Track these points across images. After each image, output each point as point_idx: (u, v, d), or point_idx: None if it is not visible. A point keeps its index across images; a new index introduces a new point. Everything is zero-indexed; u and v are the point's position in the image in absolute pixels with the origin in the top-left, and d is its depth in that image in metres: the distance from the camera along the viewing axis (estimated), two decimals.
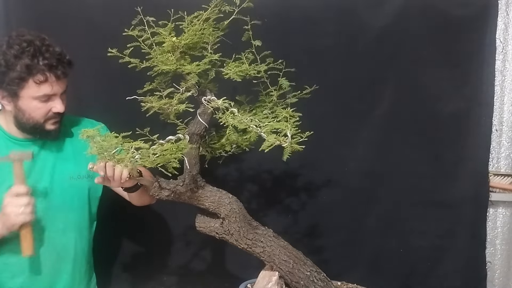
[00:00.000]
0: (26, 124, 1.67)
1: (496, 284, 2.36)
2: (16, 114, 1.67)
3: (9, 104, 1.66)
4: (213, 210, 1.53)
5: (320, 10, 2.18)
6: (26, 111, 1.65)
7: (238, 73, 1.46)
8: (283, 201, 2.26)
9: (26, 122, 1.67)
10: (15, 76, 1.59)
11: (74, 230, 1.81)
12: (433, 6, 2.18)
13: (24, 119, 1.66)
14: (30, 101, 1.63)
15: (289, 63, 1.53)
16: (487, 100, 2.25)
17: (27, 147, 1.71)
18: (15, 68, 1.58)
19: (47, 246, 1.74)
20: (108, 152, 1.38)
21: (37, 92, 1.61)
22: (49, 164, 1.75)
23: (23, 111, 1.65)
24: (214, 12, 1.46)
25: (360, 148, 2.24)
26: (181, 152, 1.43)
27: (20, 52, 1.59)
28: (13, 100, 1.64)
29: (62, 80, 1.65)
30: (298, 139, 1.31)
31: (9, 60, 1.59)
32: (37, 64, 1.59)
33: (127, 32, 1.43)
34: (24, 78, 1.59)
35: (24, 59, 1.58)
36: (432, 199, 2.26)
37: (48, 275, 1.76)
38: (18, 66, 1.58)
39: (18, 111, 1.65)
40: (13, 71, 1.58)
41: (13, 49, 1.59)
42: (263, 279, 1.57)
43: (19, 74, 1.58)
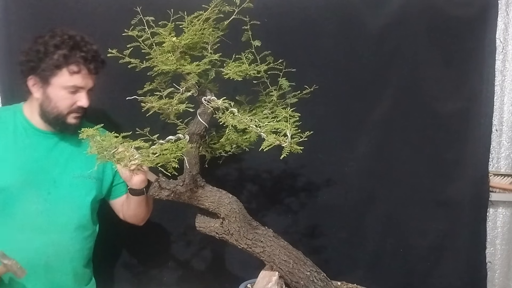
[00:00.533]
0: (50, 114, 1.75)
1: (496, 284, 2.36)
2: (42, 102, 1.74)
3: (38, 91, 1.74)
4: (213, 210, 1.53)
5: (320, 10, 2.18)
6: (53, 99, 1.73)
7: (238, 73, 1.46)
8: (283, 201, 2.26)
9: (50, 112, 1.74)
10: (51, 63, 1.69)
11: (74, 229, 1.82)
12: (433, 6, 2.18)
13: (49, 108, 1.74)
14: (59, 90, 1.72)
15: (289, 63, 1.53)
16: (487, 100, 2.25)
17: (47, 139, 1.79)
18: (53, 56, 1.69)
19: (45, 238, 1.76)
20: (108, 151, 1.38)
21: (68, 82, 1.71)
22: (63, 158, 1.80)
23: (50, 99, 1.73)
24: (214, 12, 1.46)
25: (360, 148, 2.24)
26: (181, 151, 1.43)
27: (60, 43, 1.70)
28: (43, 86, 1.73)
29: (92, 76, 1.75)
30: (298, 139, 1.31)
31: (49, 49, 1.69)
32: (74, 55, 1.69)
33: (127, 32, 1.43)
34: (59, 66, 1.69)
35: (63, 49, 1.69)
36: (432, 199, 2.26)
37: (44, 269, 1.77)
38: (56, 55, 1.69)
39: (45, 98, 1.73)
40: (50, 58, 1.69)
41: (55, 39, 1.71)
42: (263, 279, 1.57)
43: (56, 62, 1.69)
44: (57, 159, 1.80)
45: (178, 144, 1.46)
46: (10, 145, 1.76)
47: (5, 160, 1.74)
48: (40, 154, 1.78)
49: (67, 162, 1.81)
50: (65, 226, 1.80)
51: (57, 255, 1.78)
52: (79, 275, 1.86)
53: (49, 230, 1.76)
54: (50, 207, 1.76)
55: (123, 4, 2.03)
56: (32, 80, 1.74)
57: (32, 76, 1.74)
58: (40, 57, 1.70)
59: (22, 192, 1.74)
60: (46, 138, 1.80)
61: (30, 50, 1.73)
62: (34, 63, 1.72)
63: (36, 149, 1.78)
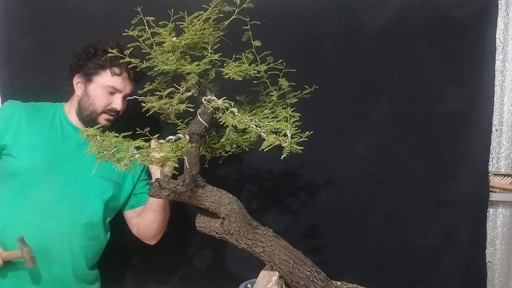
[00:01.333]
0: (85, 111, 1.88)
1: (496, 284, 2.36)
2: (81, 99, 1.89)
3: (80, 89, 1.89)
4: (213, 210, 1.53)
5: (320, 10, 2.18)
6: (91, 96, 1.87)
7: (238, 73, 1.46)
8: (283, 201, 2.26)
9: (86, 108, 1.88)
10: (97, 63, 1.85)
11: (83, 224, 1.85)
12: (433, 6, 2.18)
13: (86, 104, 1.87)
14: (98, 88, 1.86)
15: (289, 63, 1.53)
16: (487, 100, 2.25)
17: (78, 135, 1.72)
18: (100, 58, 1.85)
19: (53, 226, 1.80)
20: (107, 151, 1.38)
21: (108, 82, 1.85)
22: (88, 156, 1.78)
23: (89, 95, 1.87)
24: (214, 12, 1.46)
25: (360, 148, 2.24)
26: (181, 151, 1.44)
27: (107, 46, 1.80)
28: (86, 84, 1.88)
29: (131, 82, 1.88)
30: (298, 139, 1.31)
31: (98, 51, 1.86)
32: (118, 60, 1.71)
33: (127, 32, 1.43)
34: (104, 66, 1.85)
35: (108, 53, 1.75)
36: (432, 199, 2.26)
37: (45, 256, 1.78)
38: (103, 57, 1.84)
39: (85, 95, 1.88)
40: (98, 59, 1.86)
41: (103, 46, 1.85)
42: (263, 279, 1.57)
43: (101, 62, 1.85)
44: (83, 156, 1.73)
45: (178, 144, 1.46)
46: (44, 134, 1.88)
47: (36, 145, 1.85)
48: (69, 147, 1.88)
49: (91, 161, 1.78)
50: (75, 219, 1.83)
51: (61, 245, 1.81)
52: (80, 274, 1.86)
53: (59, 219, 1.80)
54: (66, 198, 1.82)
55: (123, 4, 2.03)
56: (78, 78, 1.90)
57: (78, 74, 1.89)
58: (89, 56, 1.87)
59: (44, 178, 1.82)
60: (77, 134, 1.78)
61: (81, 51, 1.89)
62: (83, 61, 1.88)
63: (66, 142, 1.89)
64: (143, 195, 1.97)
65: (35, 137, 1.87)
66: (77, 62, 1.91)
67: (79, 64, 1.90)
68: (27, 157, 1.84)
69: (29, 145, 1.85)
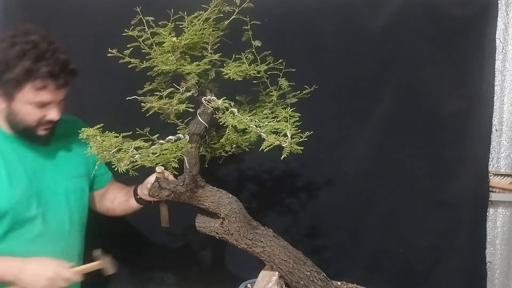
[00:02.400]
0: (17, 126, 1.61)
1: (496, 284, 2.36)
2: (7, 115, 1.60)
3: (3, 103, 1.59)
4: (213, 210, 1.53)
5: (320, 10, 2.17)
6: (18, 114, 1.58)
7: (238, 73, 1.46)
8: (283, 201, 2.26)
9: (17, 124, 1.61)
10: (13, 78, 1.51)
11: (78, 230, 1.81)
12: (433, 6, 2.18)
13: (16, 121, 1.60)
14: (24, 105, 1.56)
15: (289, 63, 1.53)
16: (487, 100, 2.25)
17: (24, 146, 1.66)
18: (14, 70, 1.50)
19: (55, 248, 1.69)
20: (107, 151, 1.38)
21: (34, 98, 1.55)
22: (50, 162, 1.72)
23: (16, 113, 1.58)
24: (214, 12, 1.46)
25: (360, 148, 2.24)
26: (181, 151, 1.44)
27: (22, 54, 1.51)
28: (7, 100, 1.57)
29: (63, 88, 1.59)
30: (298, 139, 1.31)
31: (10, 60, 1.51)
32: (38, 69, 1.51)
33: (127, 32, 1.43)
34: (22, 82, 1.52)
35: (25, 61, 1.50)
36: (432, 199, 2.26)
37: None
38: (18, 68, 1.50)
39: (10, 112, 1.59)
40: (11, 72, 1.50)
41: (15, 49, 1.51)
42: (263, 279, 1.57)
43: (17, 76, 1.50)
44: (44, 164, 1.70)
45: (178, 144, 1.46)
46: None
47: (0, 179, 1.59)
48: (28, 163, 1.65)
49: (55, 166, 1.73)
50: (71, 230, 1.75)
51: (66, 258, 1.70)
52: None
53: (57, 236, 1.71)
54: (53, 215, 1.69)
55: (123, 4, 2.03)
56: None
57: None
58: (1, 70, 1.52)
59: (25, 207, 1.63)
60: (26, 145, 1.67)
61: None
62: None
63: (23, 159, 1.65)
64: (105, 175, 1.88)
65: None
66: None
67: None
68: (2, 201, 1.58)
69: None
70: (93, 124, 1.46)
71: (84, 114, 1.92)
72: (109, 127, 1.74)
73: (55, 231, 1.71)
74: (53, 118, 1.61)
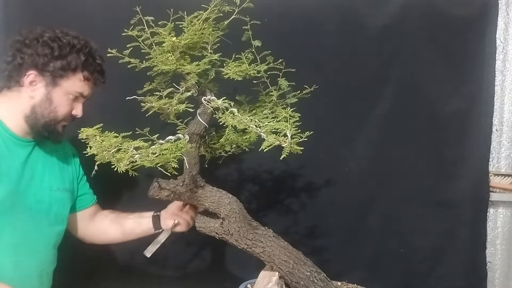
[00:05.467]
0: (42, 118, 1.59)
1: (496, 284, 2.36)
2: (38, 103, 1.58)
3: (38, 90, 1.58)
4: (213, 210, 1.53)
5: (320, 10, 2.18)
6: (54, 102, 1.59)
7: (238, 73, 1.46)
8: (283, 201, 2.26)
9: (44, 115, 1.58)
10: (66, 65, 1.57)
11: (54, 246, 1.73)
12: (433, 6, 2.18)
13: (45, 111, 1.58)
14: (63, 94, 1.60)
15: (289, 63, 1.53)
16: (487, 100, 2.25)
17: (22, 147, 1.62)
18: (67, 58, 1.57)
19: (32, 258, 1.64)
20: (107, 151, 1.38)
21: (77, 87, 1.61)
22: (38, 170, 1.66)
23: (51, 101, 1.58)
24: (214, 12, 1.46)
25: (360, 148, 2.24)
26: (181, 151, 1.43)
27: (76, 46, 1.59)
28: (47, 87, 1.58)
29: (95, 88, 1.68)
30: (298, 139, 1.31)
31: (64, 47, 1.57)
32: (91, 63, 1.62)
33: (127, 32, 1.43)
34: (76, 69, 1.58)
35: (80, 53, 1.59)
36: (432, 199, 2.26)
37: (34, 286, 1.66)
38: (72, 57, 1.57)
39: (45, 100, 1.58)
40: (65, 60, 1.57)
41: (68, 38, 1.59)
42: (263, 279, 1.57)
43: (72, 65, 1.57)
44: (33, 171, 1.64)
45: (178, 144, 1.46)
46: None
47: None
48: (17, 165, 1.59)
49: (42, 175, 1.67)
50: (46, 245, 1.69)
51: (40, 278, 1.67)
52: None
53: (33, 251, 1.63)
54: (34, 224, 1.62)
55: (123, 4, 2.03)
56: (34, 76, 1.56)
57: (36, 71, 1.56)
58: (55, 54, 1.55)
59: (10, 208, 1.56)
60: (21, 146, 1.62)
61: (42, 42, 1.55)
62: (47, 58, 1.55)
63: (14, 158, 1.59)
64: (89, 196, 1.84)
65: None
66: (34, 57, 1.55)
67: (42, 61, 1.55)
68: None
69: None
70: (93, 124, 1.46)
71: (84, 114, 1.91)
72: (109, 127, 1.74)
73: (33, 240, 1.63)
74: (77, 114, 1.66)
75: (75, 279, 1.97)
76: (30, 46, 1.56)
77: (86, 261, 2.04)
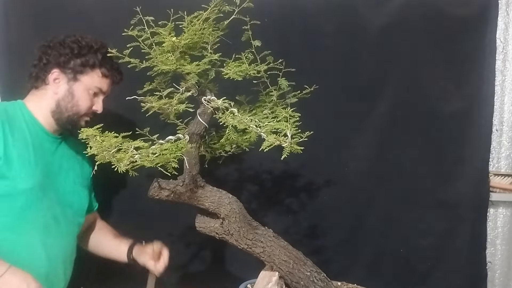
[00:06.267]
0: (66, 112, 1.72)
1: (496, 284, 2.36)
2: (62, 98, 1.72)
3: (61, 86, 1.72)
4: (213, 210, 1.53)
5: (320, 10, 2.18)
6: (75, 96, 1.72)
7: (238, 73, 1.46)
8: (283, 201, 2.26)
9: (68, 109, 1.72)
10: (86, 61, 1.71)
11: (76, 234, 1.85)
12: (433, 6, 2.18)
13: (69, 105, 1.71)
14: (84, 89, 1.72)
15: (289, 63, 1.53)
16: (487, 100, 2.25)
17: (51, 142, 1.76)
18: (87, 56, 1.71)
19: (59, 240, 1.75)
20: (107, 151, 1.38)
21: (96, 83, 1.73)
22: (64, 164, 1.80)
23: (73, 96, 1.72)
24: (214, 12, 1.46)
25: (360, 148, 2.24)
26: (181, 151, 1.43)
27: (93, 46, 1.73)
28: (69, 83, 1.72)
29: (113, 84, 1.79)
30: (298, 139, 1.31)
31: (83, 47, 1.71)
32: (108, 61, 1.72)
33: (127, 32, 1.43)
34: (94, 66, 1.72)
35: (97, 53, 1.72)
36: (432, 199, 2.26)
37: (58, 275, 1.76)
38: (90, 56, 1.71)
39: (68, 95, 1.71)
40: (84, 57, 1.71)
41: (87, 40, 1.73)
42: (263, 279, 1.57)
43: (91, 61, 1.71)
44: (60, 164, 1.78)
45: (178, 144, 1.46)
46: (28, 143, 1.67)
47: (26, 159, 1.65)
48: (47, 157, 1.73)
49: (68, 169, 1.80)
50: (72, 231, 1.81)
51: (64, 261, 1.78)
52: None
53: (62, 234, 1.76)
54: (62, 210, 1.75)
55: (123, 4, 2.03)
56: (57, 73, 1.72)
57: (59, 69, 1.71)
58: (74, 53, 1.71)
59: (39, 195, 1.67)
60: (50, 141, 1.76)
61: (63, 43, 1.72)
62: (67, 57, 1.70)
63: (46, 151, 1.73)
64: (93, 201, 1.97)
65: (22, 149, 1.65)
66: (56, 56, 1.71)
67: (63, 60, 1.71)
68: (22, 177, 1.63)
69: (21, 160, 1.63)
70: (93, 124, 1.46)
71: None
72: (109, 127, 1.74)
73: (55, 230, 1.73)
74: (98, 110, 1.77)
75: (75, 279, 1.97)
76: (53, 48, 1.72)
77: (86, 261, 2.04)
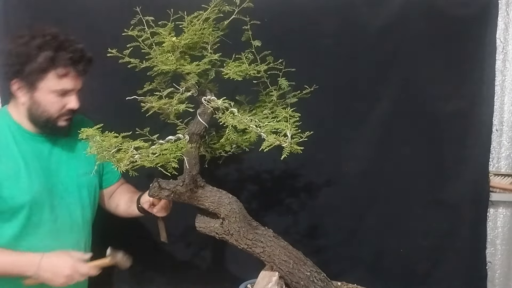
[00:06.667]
0: (39, 118, 1.66)
1: (496, 284, 2.36)
2: (30, 107, 1.65)
3: (24, 96, 1.64)
4: (213, 210, 1.53)
5: (320, 10, 2.17)
6: (41, 104, 1.63)
7: (238, 73, 1.46)
8: (283, 201, 2.26)
9: (39, 116, 1.65)
10: (36, 67, 1.58)
11: (88, 227, 1.86)
12: (433, 6, 2.18)
13: (38, 113, 1.65)
14: (47, 94, 1.62)
15: (289, 63, 1.53)
16: (487, 100, 2.25)
17: (43, 142, 1.73)
18: (37, 59, 1.58)
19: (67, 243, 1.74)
20: (107, 151, 1.38)
21: (56, 86, 1.62)
22: (63, 159, 1.77)
23: (38, 103, 1.63)
24: (214, 12, 1.46)
25: (360, 148, 2.24)
26: (181, 151, 1.43)
27: (43, 44, 1.59)
28: (30, 91, 1.63)
29: (82, 77, 1.67)
30: (298, 139, 1.31)
31: (31, 51, 1.58)
32: (60, 57, 1.60)
33: (127, 32, 1.43)
34: (46, 70, 1.59)
35: (47, 51, 1.59)
36: (432, 199, 2.26)
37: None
38: (40, 57, 1.58)
39: (33, 103, 1.64)
40: (35, 62, 1.58)
41: (36, 41, 1.59)
42: (263, 279, 1.57)
43: (41, 65, 1.58)
44: (58, 161, 1.76)
45: (178, 144, 1.46)
46: (16, 157, 1.65)
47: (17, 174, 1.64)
48: (43, 159, 1.71)
49: (68, 163, 1.78)
50: (83, 226, 1.81)
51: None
52: None
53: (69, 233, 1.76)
54: (66, 210, 1.74)
55: (123, 4, 2.03)
56: (17, 84, 1.64)
57: (17, 79, 1.63)
58: (23, 60, 1.59)
59: (42, 201, 1.68)
60: (42, 142, 1.73)
61: (11, 52, 1.62)
62: (18, 66, 1.60)
63: (38, 155, 1.71)
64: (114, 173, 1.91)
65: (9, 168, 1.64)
66: (10, 67, 1.62)
67: (17, 69, 1.60)
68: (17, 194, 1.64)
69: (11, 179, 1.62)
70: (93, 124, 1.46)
71: (84, 114, 1.91)
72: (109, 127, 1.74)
73: (68, 226, 1.75)
74: (73, 107, 1.67)
75: None
76: (7, 57, 1.63)
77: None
